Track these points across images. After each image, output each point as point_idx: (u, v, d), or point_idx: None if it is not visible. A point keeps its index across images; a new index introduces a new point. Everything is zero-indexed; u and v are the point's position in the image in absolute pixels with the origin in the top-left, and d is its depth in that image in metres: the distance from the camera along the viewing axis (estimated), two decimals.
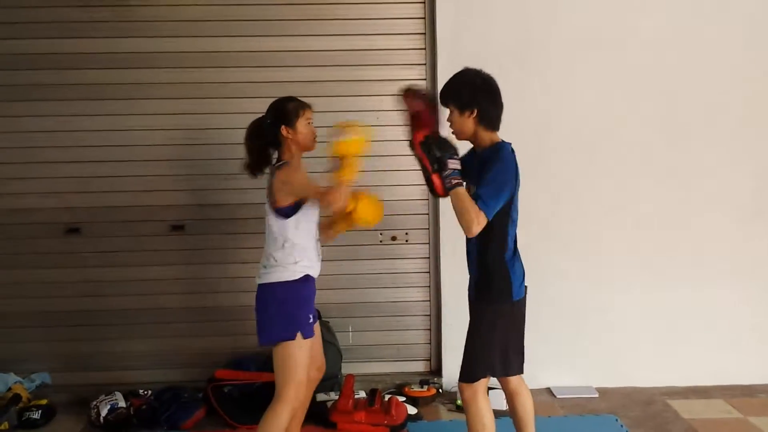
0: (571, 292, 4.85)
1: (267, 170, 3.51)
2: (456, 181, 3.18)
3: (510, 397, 3.55)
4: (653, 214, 4.85)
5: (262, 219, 3.47)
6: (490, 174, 3.19)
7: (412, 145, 3.34)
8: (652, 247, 4.86)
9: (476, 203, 3.13)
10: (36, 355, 4.89)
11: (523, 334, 3.46)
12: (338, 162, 3.28)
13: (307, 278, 3.42)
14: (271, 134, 3.45)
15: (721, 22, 4.75)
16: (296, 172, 3.39)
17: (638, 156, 4.82)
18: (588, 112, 4.78)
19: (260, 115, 3.51)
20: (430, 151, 3.25)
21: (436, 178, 3.26)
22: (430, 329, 5.04)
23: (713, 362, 4.92)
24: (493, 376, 3.44)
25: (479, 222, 3.12)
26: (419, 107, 3.36)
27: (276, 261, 3.40)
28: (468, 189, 3.26)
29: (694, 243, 4.88)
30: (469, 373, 3.34)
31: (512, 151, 3.30)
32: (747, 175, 4.88)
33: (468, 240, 3.35)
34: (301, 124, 3.44)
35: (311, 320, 3.44)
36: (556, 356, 4.89)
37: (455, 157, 3.24)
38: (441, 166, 3.22)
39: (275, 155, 3.50)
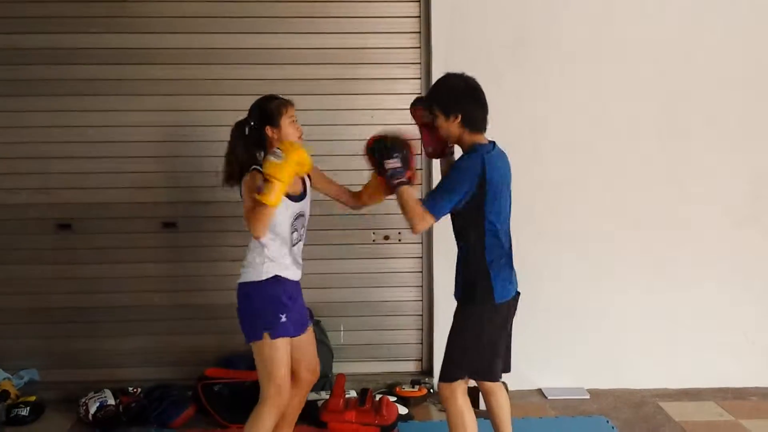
0: (564, 292, 4.85)
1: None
2: (398, 180, 3.27)
3: (486, 396, 3.59)
4: (648, 215, 4.84)
5: None
6: (447, 176, 3.33)
7: (438, 144, 3.47)
8: (646, 249, 4.86)
9: (423, 203, 3.22)
10: (25, 352, 4.87)
11: (509, 337, 3.48)
12: (263, 184, 3.14)
13: (277, 279, 3.39)
14: (255, 136, 3.42)
15: (719, 25, 4.75)
16: (251, 181, 3.30)
17: (635, 156, 4.81)
18: (585, 111, 4.76)
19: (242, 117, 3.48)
20: (372, 155, 3.34)
21: (381, 180, 3.39)
22: (421, 329, 5.03)
23: (705, 365, 4.92)
24: (472, 378, 3.46)
25: (424, 220, 3.22)
26: (428, 118, 3.42)
27: (248, 261, 3.41)
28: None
29: (688, 245, 4.88)
30: (448, 373, 3.38)
31: (489, 152, 3.29)
32: (744, 177, 4.88)
33: (457, 244, 3.40)
34: (285, 123, 3.40)
35: (283, 320, 3.38)
36: (548, 357, 4.89)
37: (395, 156, 3.28)
38: (381, 169, 3.31)
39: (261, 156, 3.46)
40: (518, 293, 3.45)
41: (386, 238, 4.94)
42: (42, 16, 4.67)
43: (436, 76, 4.35)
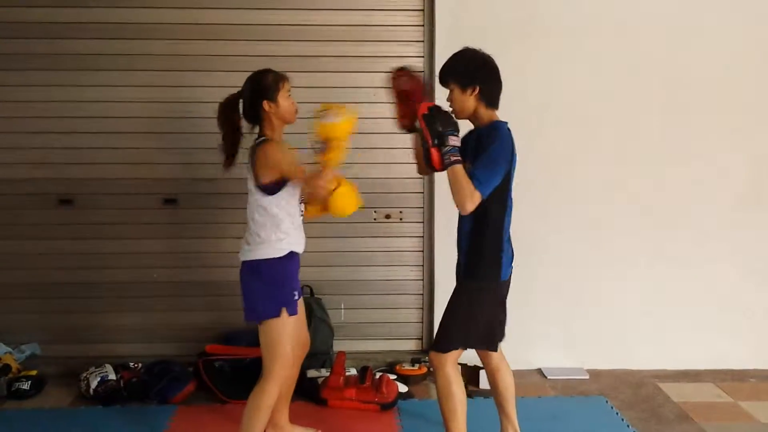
0: (565, 273, 4.85)
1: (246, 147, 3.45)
2: (455, 158, 3.16)
3: (491, 374, 3.61)
4: (651, 196, 4.84)
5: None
6: (486, 152, 3.20)
7: (414, 116, 3.32)
8: (647, 229, 4.86)
9: (471, 181, 3.12)
10: (26, 326, 4.88)
11: (505, 312, 3.51)
12: (324, 145, 3.19)
13: (292, 255, 3.40)
14: (251, 109, 3.40)
15: (723, 7, 4.72)
16: (280, 149, 3.33)
17: (637, 135, 4.79)
18: (588, 89, 4.74)
19: (233, 93, 3.46)
20: (433, 124, 3.21)
21: (435, 152, 3.23)
22: (422, 308, 5.04)
23: (705, 346, 4.93)
24: (471, 348, 3.47)
25: (473, 200, 3.12)
26: (410, 86, 3.36)
27: (260, 238, 3.36)
28: (464, 167, 3.24)
29: (689, 227, 4.87)
30: (443, 344, 3.37)
31: (509, 130, 3.30)
32: (746, 161, 4.86)
33: (461, 219, 3.35)
34: (282, 97, 3.38)
35: (296, 296, 3.41)
36: (548, 337, 4.91)
37: (456, 134, 3.22)
38: (441, 141, 3.20)
39: (255, 130, 3.44)
40: (512, 268, 3.45)
41: (387, 216, 4.94)
42: None
43: (439, 54, 4.36)
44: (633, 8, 4.69)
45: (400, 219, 4.95)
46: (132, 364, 4.57)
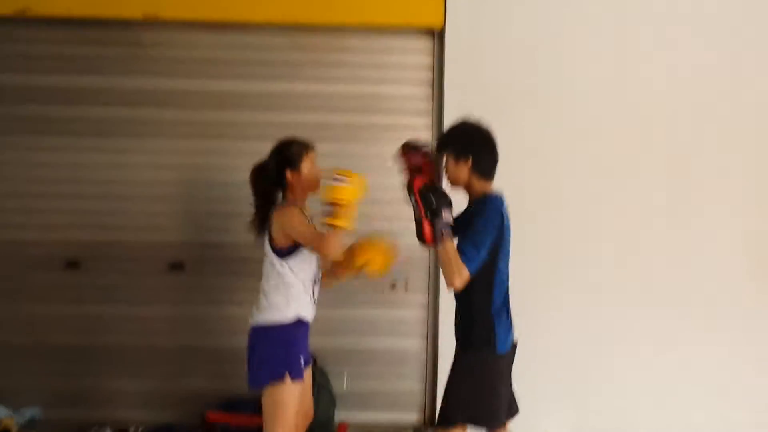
0: (572, 341, 4.81)
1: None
2: (446, 233, 3.21)
3: None
4: (659, 268, 4.82)
5: (262, 260, 3.46)
6: (473, 228, 3.25)
7: (410, 190, 3.35)
8: (657, 300, 4.83)
9: (460, 257, 3.16)
10: (28, 389, 4.84)
11: (509, 387, 3.45)
12: (332, 209, 3.23)
13: (300, 321, 3.39)
14: (275, 177, 3.44)
15: (724, 86, 4.79)
16: (296, 213, 3.36)
17: (646, 213, 4.82)
18: (594, 160, 4.79)
19: (263, 159, 3.51)
20: (427, 199, 3.26)
21: (427, 228, 3.27)
22: (425, 379, 4.99)
23: (715, 416, 4.85)
24: (475, 425, 3.39)
25: (462, 277, 3.17)
26: (418, 161, 3.39)
27: (269, 302, 3.39)
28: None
29: (701, 299, 4.84)
30: (445, 418, 3.34)
31: (502, 202, 3.33)
32: (752, 237, 4.86)
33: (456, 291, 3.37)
34: (306, 167, 3.43)
35: (302, 363, 3.40)
36: (554, 405, 4.83)
37: (449, 209, 3.26)
38: (434, 216, 3.24)
39: (280, 196, 3.49)
40: (516, 343, 3.43)
41: (393, 286, 4.93)
42: (60, 56, 4.75)
43: (447, 124, 4.40)
44: (635, 75, 4.78)
45: (406, 288, 4.94)
46: (133, 429, 4.52)
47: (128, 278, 4.84)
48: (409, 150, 3.47)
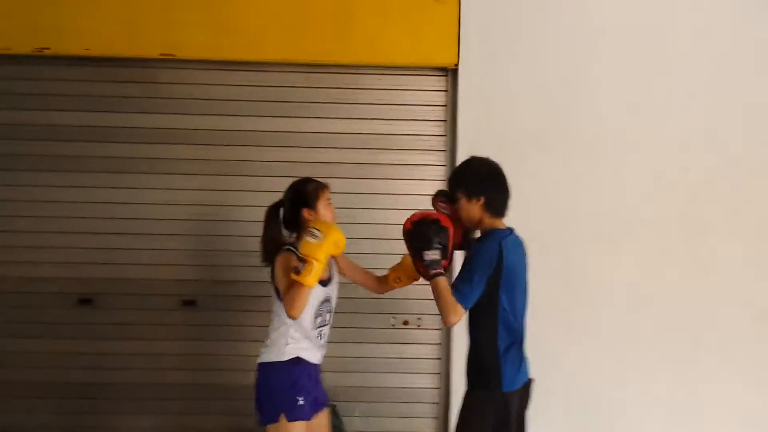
0: (585, 384, 4.77)
1: None
2: (434, 271, 3.23)
3: None
4: (673, 309, 4.79)
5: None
6: (466, 263, 3.30)
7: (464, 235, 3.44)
8: (672, 342, 4.79)
9: (453, 294, 3.17)
10: (41, 426, 4.80)
11: (519, 427, 3.42)
12: (303, 264, 3.21)
13: (299, 360, 3.38)
14: (291, 216, 3.47)
15: (737, 121, 4.80)
16: (284, 261, 3.37)
17: (658, 249, 4.79)
18: (608, 202, 4.78)
19: (278, 197, 3.54)
20: (413, 238, 3.32)
21: (419, 266, 3.33)
22: (438, 417, 4.95)
23: None
24: None
25: (456, 312, 3.18)
26: (449, 211, 3.43)
27: (271, 341, 3.43)
28: None
29: (715, 341, 4.80)
30: None
31: (506, 237, 3.31)
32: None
33: (467, 325, 3.39)
34: (322, 206, 3.46)
35: (300, 403, 3.37)
36: None
37: (435, 248, 3.26)
38: (419, 257, 3.28)
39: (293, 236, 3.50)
40: (531, 380, 3.40)
41: (405, 323, 4.92)
42: (76, 94, 4.79)
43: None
44: (654, 122, 4.78)
45: (418, 326, 4.93)
46: None
47: (141, 315, 4.82)
48: (440, 198, 3.52)
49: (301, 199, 3.47)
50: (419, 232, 3.31)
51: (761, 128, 4.83)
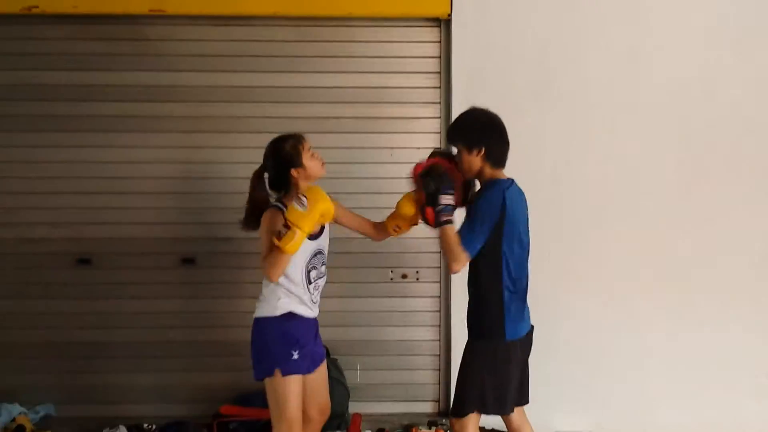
0: (586, 334, 4.78)
1: None
2: (446, 218, 3.23)
3: None
4: (671, 256, 4.79)
5: None
6: (471, 211, 3.28)
7: (413, 175, 3.38)
8: (670, 290, 4.80)
9: (459, 241, 3.17)
10: (42, 386, 4.86)
11: (520, 374, 3.44)
12: (286, 229, 3.17)
13: (292, 315, 3.38)
14: (280, 179, 3.43)
15: (738, 71, 4.74)
16: (267, 220, 3.33)
17: (656, 199, 4.77)
18: (605, 153, 4.74)
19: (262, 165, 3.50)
20: (427, 184, 3.29)
21: (429, 211, 3.31)
22: (439, 369, 4.99)
23: (730, 410, 4.81)
24: (484, 413, 3.39)
25: (460, 260, 3.20)
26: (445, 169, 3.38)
27: (263, 296, 3.42)
28: None
29: (714, 287, 4.80)
30: (458, 408, 3.36)
31: (509, 187, 3.30)
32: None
33: (468, 275, 3.40)
34: (307, 158, 3.41)
35: (294, 357, 3.36)
36: (567, 400, 4.81)
37: (450, 192, 3.27)
38: (434, 201, 3.26)
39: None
40: (532, 327, 3.42)
41: (404, 276, 4.93)
42: (67, 53, 4.75)
43: (455, 115, 4.38)
44: (647, 72, 4.72)
45: (417, 279, 4.94)
46: (146, 425, 4.54)
47: (139, 274, 4.85)
48: (437, 157, 3.48)
49: (285, 160, 3.39)
50: (435, 177, 3.29)
51: (759, 77, 4.77)
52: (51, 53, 4.74)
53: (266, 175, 3.47)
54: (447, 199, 3.25)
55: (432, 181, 3.28)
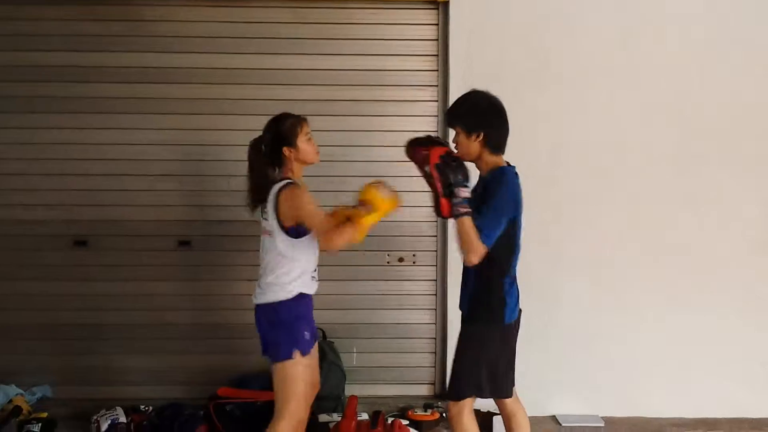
0: (581, 317, 4.79)
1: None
2: (464, 210, 3.14)
3: (506, 420, 3.57)
4: (666, 241, 4.79)
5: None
6: (491, 202, 3.18)
7: (427, 163, 3.25)
8: (665, 274, 4.80)
9: (477, 233, 3.11)
10: (38, 368, 4.87)
11: (514, 356, 3.44)
12: (363, 206, 3.22)
13: (302, 296, 3.38)
14: (272, 154, 3.40)
15: (735, 56, 4.72)
16: (305, 194, 3.29)
17: (651, 181, 4.77)
18: (601, 135, 4.74)
19: (259, 136, 3.46)
20: (445, 174, 3.19)
21: (444, 203, 3.21)
22: (435, 352, 5.00)
23: (723, 394, 4.84)
24: (480, 397, 3.41)
25: (478, 252, 3.13)
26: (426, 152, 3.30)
27: (276, 280, 3.35)
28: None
29: (708, 272, 4.81)
30: (455, 391, 3.35)
31: (516, 174, 3.29)
32: (759, 205, 4.82)
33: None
34: (302, 141, 3.38)
35: (308, 337, 3.39)
36: (563, 383, 4.83)
37: (467, 184, 3.20)
38: (452, 193, 3.17)
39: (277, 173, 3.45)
40: (520, 310, 3.42)
41: (401, 260, 4.93)
42: (63, 34, 4.73)
43: (453, 98, 4.37)
44: (645, 56, 4.71)
45: (414, 262, 4.94)
46: (143, 407, 4.53)
47: (136, 256, 4.85)
48: (415, 145, 3.40)
49: (282, 136, 3.38)
50: (455, 167, 3.20)
51: (754, 65, 4.75)
52: (46, 34, 4.72)
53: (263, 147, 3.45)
54: (465, 192, 3.17)
55: (449, 172, 3.18)
